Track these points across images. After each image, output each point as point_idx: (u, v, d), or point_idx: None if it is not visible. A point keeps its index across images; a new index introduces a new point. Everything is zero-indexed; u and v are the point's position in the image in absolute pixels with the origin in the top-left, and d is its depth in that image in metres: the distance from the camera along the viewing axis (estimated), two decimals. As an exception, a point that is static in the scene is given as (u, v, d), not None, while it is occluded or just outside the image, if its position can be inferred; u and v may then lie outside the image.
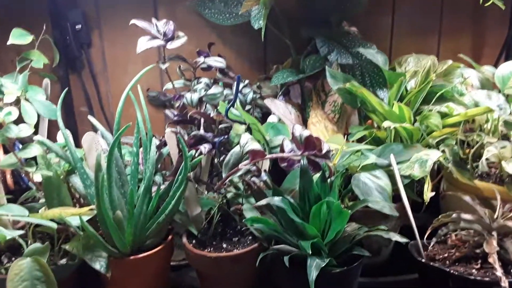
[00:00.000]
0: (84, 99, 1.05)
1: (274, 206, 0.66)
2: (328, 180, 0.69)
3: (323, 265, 0.58)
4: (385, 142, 0.82)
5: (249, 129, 0.76)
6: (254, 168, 0.70)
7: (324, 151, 0.63)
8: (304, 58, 0.98)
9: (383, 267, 0.80)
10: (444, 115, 0.83)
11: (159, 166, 0.82)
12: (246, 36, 1.06)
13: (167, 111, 0.87)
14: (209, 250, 0.70)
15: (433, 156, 0.73)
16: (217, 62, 0.86)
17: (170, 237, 0.73)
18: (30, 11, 0.97)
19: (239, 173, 0.71)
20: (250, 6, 0.91)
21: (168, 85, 0.91)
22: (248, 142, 0.65)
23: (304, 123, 0.92)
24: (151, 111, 1.03)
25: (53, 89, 0.96)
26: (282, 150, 0.71)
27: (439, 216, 0.69)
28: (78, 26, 0.99)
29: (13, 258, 0.69)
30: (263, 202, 0.65)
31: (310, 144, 0.64)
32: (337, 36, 0.97)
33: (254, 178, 0.71)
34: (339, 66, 0.93)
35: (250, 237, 0.73)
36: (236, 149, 0.73)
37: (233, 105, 0.77)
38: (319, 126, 0.88)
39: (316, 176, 0.69)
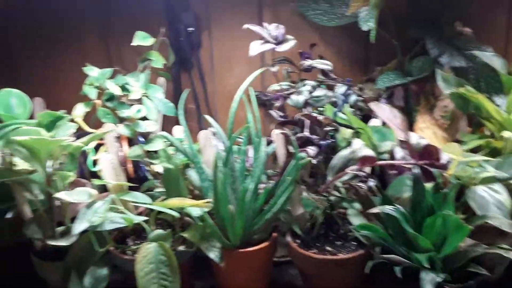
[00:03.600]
0: (192, 97, 1.12)
1: (383, 214, 0.66)
2: (441, 191, 0.66)
3: (438, 280, 0.57)
4: (502, 153, 0.77)
5: (356, 133, 0.76)
6: (362, 173, 0.70)
7: (442, 161, 0.61)
8: (411, 60, 0.95)
9: (497, 285, 0.75)
10: None
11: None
12: (348, 37, 1.06)
13: (272, 112, 0.90)
14: (313, 251, 0.72)
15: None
16: (323, 64, 0.87)
17: (275, 234, 0.76)
18: (148, 15, 1.06)
19: (346, 177, 0.72)
20: (358, 7, 0.90)
21: (273, 86, 0.95)
22: (361, 148, 0.66)
23: (410, 127, 0.90)
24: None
25: (166, 87, 1.04)
26: (392, 157, 0.70)
27: None
28: (191, 28, 1.06)
29: (136, 242, 0.78)
30: (375, 209, 0.65)
31: (427, 153, 0.62)
32: (448, 37, 0.92)
33: (360, 183, 0.72)
34: (451, 69, 0.88)
35: (354, 243, 0.73)
36: (343, 153, 0.74)
37: (341, 109, 0.77)
38: (427, 132, 0.85)
39: (429, 186, 0.67)
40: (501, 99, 0.84)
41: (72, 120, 0.79)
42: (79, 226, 0.65)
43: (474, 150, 0.78)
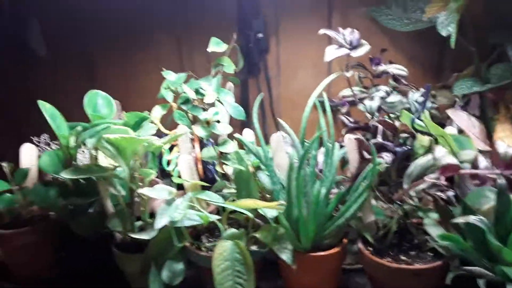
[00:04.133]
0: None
1: (464, 225, 0.64)
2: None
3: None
4: None
5: (436, 141, 0.74)
6: (442, 182, 0.68)
7: (534, 173, 0.58)
8: (489, 67, 0.91)
9: None
10: None
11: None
12: (420, 42, 1.03)
13: (343, 117, 0.90)
14: (387, 259, 0.70)
15: None
16: (398, 70, 0.86)
17: (345, 240, 0.75)
18: (220, 22, 1.10)
19: (423, 185, 0.70)
20: (436, 11, 0.88)
21: (345, 91, 0.94)
22: (445, 155, 0.64)
23: (488, 136, 0.86)
24: (315, 115, 1.09)
25: (234, 92, 1.07)
26: (475, 166, 0.67)
27: None
28: (260, 35, 1.08)
29: (210, 239, 0.80)
30: (460, 219, 0.62)
31: (517, 164, 0.60)
32: (532, 43, 0.87)
33: (438, 193, 0.70)
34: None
35: (429, 253, 0.71)
36: (421, 160, 0.72)
37: (419, 115, 0.76)
38: (508, 142, 0.81)
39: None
40: None
41: (151, 122, 0.84)
42: (161, 221, 0.68)
43: None
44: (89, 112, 0.79)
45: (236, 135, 0.81)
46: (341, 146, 0.82)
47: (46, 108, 0.77)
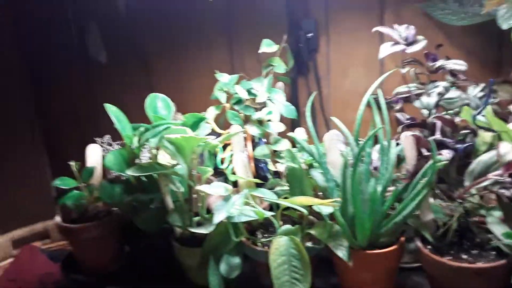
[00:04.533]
0: (306, 100, 1.15)
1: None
2: None
3: None
4: None
5: (499, 137, 0.71)
6: (506, 179, 0.65)
7: None
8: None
9: None
10: None
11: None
12: (478, 37, 0.99)
13: (398, 114, 0.89)
14: (448, 258, 0.69)
15: None
16: (457, 65, 0.83)
17: (402, 238, 0.74)
18: (270, 23, 1.11)
19: (486, 182, 0.68)
20: (495, 4, 0.84)
21: (400, 88, 0.93)
22: (510, 152, 0.62)
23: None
24: (367, 114, 1.08)
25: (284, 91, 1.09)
26: (544, 163, 0.64)
27: None
28: (310, 34, 1.09)
29: (264, 235, 0.82)
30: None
31: None
32: None
33: (503, 190, 0.67)
34: None
35: (492, 252, 0.69)
36: (483, 157, 0.70)
37: (482, 111, 0.73)
38: None
39: None
40: None
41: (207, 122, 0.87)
42: (219, 216, 0.71)
43: None
44: (150, 114, 0.83)
45: (290, 133, 0.82)
46: (397, 144, 0.81)
47: (112, 111, 0.82)
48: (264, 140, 0.95)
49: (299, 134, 0.91)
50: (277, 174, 0.93)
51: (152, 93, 0.87)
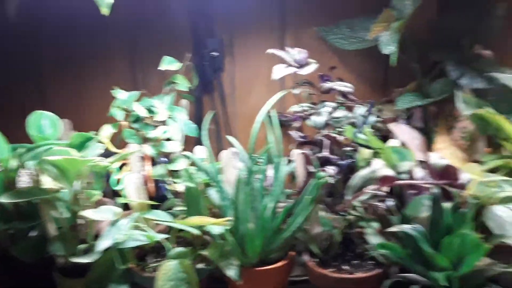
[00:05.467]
0: (212, 118, 1.16)
1: (402, 233, 0.66)
2: (460, 210, 0.66)
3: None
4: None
5: (375, 154, 0.77)
6: (381, 192, 0.70)
7: (461, 182, 0.62)
8: (430, 82, 0.96)
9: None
10: None
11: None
12: (368, 60, 1.08)
13: (292, 132, 0.93)
14: (331, 270, 0.72)
15: None
16: (344, 87, 0.89)
17: (292, 253, 0.77)
18: (175, 41, 1.11)
19: (365, 196, 0.73)
20: (379, 31, 0.92)
21: (294, 107, 0.97)
22: (381, 167, 0.67)
23: (429, 147, 0.90)
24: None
25: (189, 109, 1.08)
26: (411, 177, 0.70)
27: None
28: (215, 53, 1.10)
29: (156, 259, 0.79)
30: (394, 228, 0.65)
31: (447, 173, 0.63)
32: (468, 60, 0.93)
33: (379, 203, 0.72)
34: (471, 91, 0.89)
35: (371, 262, 0.73)
36: (362, 172, 0.75)
37: (361, 129, 0.79)
38: (446, 153, 0.85)
39: (447, 206, 0.67)
40: (522, 120, 0.83)
41: (99, 141, 0.83)
42: (103, 243, 0.68)
43: (493, 171, 0.77)
44: (32, 133, 0.78)
45: (186, 152, 0.82)
46: (290, 161, 0.84)
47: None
48: (165, 159, 0.93)
49: (199, 152, 0.91)
50: (178, 194, 0.92)
51: (37, 111, 0.81)
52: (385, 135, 0.94)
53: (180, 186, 0.85)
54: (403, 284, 0.64)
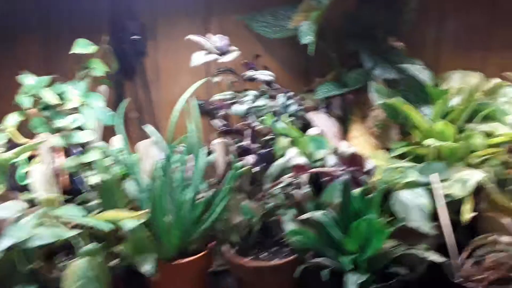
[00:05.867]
0: (135, 106, 1.11)
1: (315, 220, 0.69)
2: (368, 196, 0.70)
3: (362, 281, 0.60)
4: (426, 160, 0.82)
5: (293, 142, 0.78)
6: (296, 181, 0.72)
7: (367, 169, 0.65)
8: (348, 72, 0.99)
9: (418, 284, 0.80)
10: (488, 135, 0.82)
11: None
12: (291, 49, 1.09)
13: (216, 121, 0.91)
14: (249, 259, 0.73)
15: (475, 176, 0.72)
16: (265, 75, 0.89)
17: (212, 243, 0.77)
18: (93, 22, 1.04)
19: (281, 185, 0.74)
20: (300, 21, 0.93)
21: (217, 96, 0.96)
22: (295, 156, 0.68)
23: (345, 135, 0.94)
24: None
25: (110, 96, 1.03)
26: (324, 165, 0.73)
27: (476, 238, 0.69)
28: (136, 37, 1.05)
29: (69, 257, 0.75)
30: (305, 216, 0.67)
31: (354, 160, 0.66)
32: (382, 51, 0.98)
33: (295, 191, 0.74)
34: (384, 81, 0.94)
35: (288, 248, 0.75)
36: (279, 161, 0.76)
37: (279, 118, 0.80)
38: (360, 140, 0.90)
39: (356, 192, 0.70)
40: (428, 109, 0.90)
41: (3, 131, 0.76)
42: (3, 243, 0.62)
43: (401, 157, 0.82)
44: None
45: (99, 143, 0.77)
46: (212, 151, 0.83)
47: None
48: (79, 150, 0.88)
49: (116, 142, 0.87)
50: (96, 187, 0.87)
51: None
52: (307, 124, 0.96)
53: (94, 178, 0.81)
54: (318, 269, 0.66)
